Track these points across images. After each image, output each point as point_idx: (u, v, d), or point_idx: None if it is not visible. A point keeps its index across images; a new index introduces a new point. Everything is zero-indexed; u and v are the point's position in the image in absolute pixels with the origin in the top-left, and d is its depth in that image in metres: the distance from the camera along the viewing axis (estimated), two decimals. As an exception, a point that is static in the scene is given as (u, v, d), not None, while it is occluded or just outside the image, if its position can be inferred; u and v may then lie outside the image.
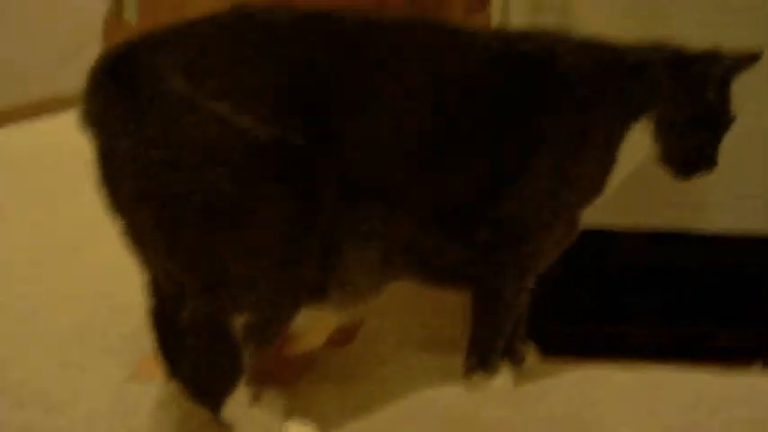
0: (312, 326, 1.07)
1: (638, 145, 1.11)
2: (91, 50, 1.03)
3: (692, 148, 1.10)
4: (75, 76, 0.99)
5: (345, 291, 1.03)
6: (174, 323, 0.98)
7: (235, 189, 0.92)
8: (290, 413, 1.03)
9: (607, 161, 1.10)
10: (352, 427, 1.05)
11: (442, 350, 1.24)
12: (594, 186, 1.12)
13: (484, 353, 1.15)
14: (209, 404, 0.98)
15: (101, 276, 1.50)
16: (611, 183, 1.12)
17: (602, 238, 1.24)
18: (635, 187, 1.17)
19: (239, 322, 0.94)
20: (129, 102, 0.92)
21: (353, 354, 1.25)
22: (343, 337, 1.26)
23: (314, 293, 1.00)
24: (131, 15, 1.27)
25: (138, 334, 1.22)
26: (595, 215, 1.16)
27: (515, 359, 1.19)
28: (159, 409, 1.11)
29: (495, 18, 1.21)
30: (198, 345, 0.95)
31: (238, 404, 0.96)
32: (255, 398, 0.97)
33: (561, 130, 1.07)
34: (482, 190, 1.07)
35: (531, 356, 1.21)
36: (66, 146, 2.26)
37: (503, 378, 1.16)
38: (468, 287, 1.13)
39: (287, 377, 1.14)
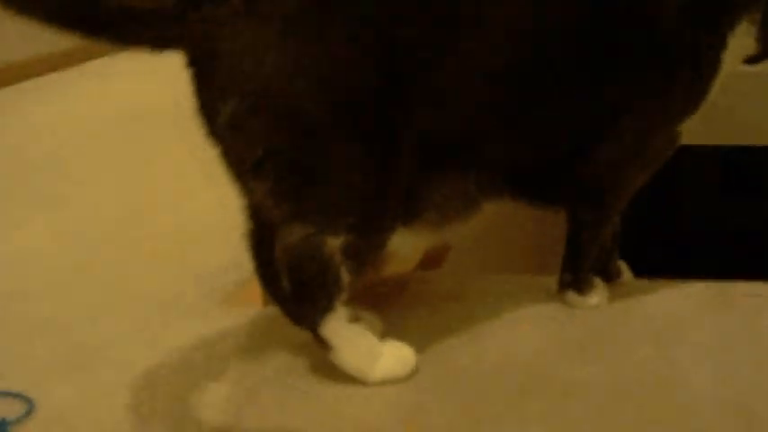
0: (403, 248, 1.08)
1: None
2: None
3: None
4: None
5: (439, 213, 1.04)
6: (272, 245, 1.00)
7: (318, 126, 0.94)
8: (385, 334, 1.04)
9: (705, 75, 1.08)
10: (434, 354, 1.06)
11: (538, 272, 1.24)
12: (692, 106, 1.10)
13: (576, 271, 1.15)
14: (307, 325, 1.00)
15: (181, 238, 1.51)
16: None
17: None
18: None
19: (335, 244, 0.96)
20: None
21: (444, 278, 1.26)
22: (432, 261, 1.27)
23: (407, 215, 1.01)
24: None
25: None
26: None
27: (609, 277, 1.19)
28: (259, 332, 1.14)
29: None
30: (294, 268, 0.97)
31: (337, 324, 0.98)
32: (353, 318, 0.99)
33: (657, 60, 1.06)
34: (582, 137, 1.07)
35: (626, 274, 1.21)
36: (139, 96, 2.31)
37: (596, 296, 1.15)
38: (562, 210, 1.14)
39: (381, 299, 1.16)
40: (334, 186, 0.97)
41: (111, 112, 2.35)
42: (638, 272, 1.24)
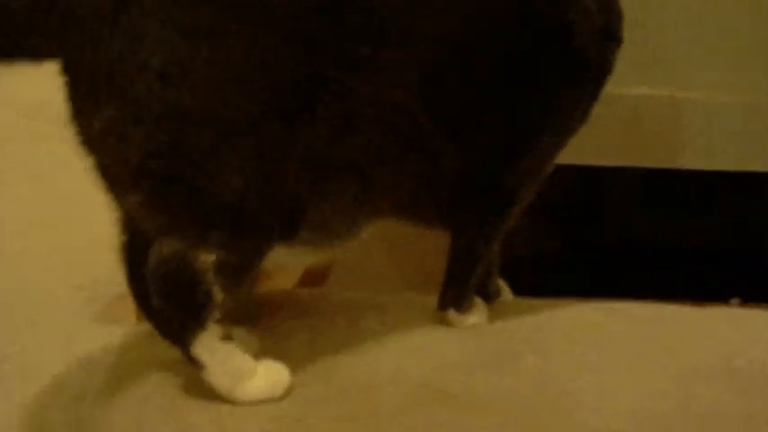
0: (282, 266, 1.07)
1: None
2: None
3: None
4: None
5: (318, 231, 1.02)
6: (144, 260, 0.96)
7: (204, 131, 0.91)
8: (261, 353, 1.02)
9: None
10: (321, 369, 1.05)
11: (419, 291, 1.24)
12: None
13: (460, 289, 1.15)
14: (178, 343, 0.97)
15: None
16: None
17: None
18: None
19: (208, 261, 0.93)
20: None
21: (325, 295, 1.25)
22: (314, 278, 1.26)
23: (285, 233, 0.99)
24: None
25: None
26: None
27: (489, 296, 1.20)
28: (131, 349, 1.10)
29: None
30: (165, 283, 0.94)
31: (208, 343, 0.96)
32: (226, 337, 0.97)
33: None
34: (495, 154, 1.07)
35: (505, 292, 1.22)
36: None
37: (476, 316, 1.16)
38: (447, 228, 1.13)
39: (257, 315, 1.14)
40: (210, 200, 0.94)
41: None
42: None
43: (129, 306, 1.12)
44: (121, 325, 1.16)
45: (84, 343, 1.12)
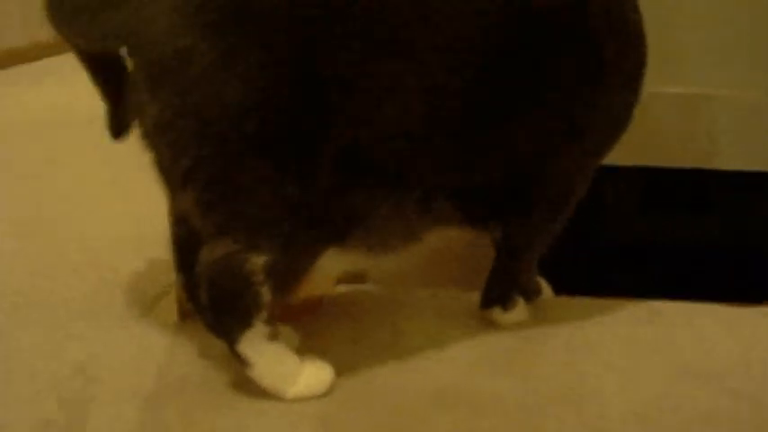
0: (332, 268, 1.07)
1: None
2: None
3: None
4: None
5: (375, 237, 1.02)
6: (197, 254, 0.97)
7: (251, 138, 0.91)
8: (304, 351, 1.03)
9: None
10: (362, 363, 1.06)
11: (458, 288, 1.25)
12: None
13: (504, 289, 1.15)
14: (225, 339, 0.98)
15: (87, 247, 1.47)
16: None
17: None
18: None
19: (258, 263, 0.94)
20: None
21: (366, 292, 1.26)
22: (355, 275, 1.26)
23: (341, 237, 0.99)
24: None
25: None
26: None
27: (529, 295, 1.19)
28: (180, 341, 1.11)
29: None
30: (215, 284, 0.95)
31: (255, 342, 0.96)
32: (272, 336, 0.97)
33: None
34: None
35: (546, 291, 1.22)
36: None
37: (521, 313, 1.16)
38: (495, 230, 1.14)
39: (300, 312, 1.14)
40: (262, 202, 0.94)
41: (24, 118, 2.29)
42: (559, 289, 1.26)
43: (173, 304, 1.13)
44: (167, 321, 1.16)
45: (127, 337, 1.13)
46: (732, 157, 1.38)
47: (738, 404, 0.99)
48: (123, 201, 1.54)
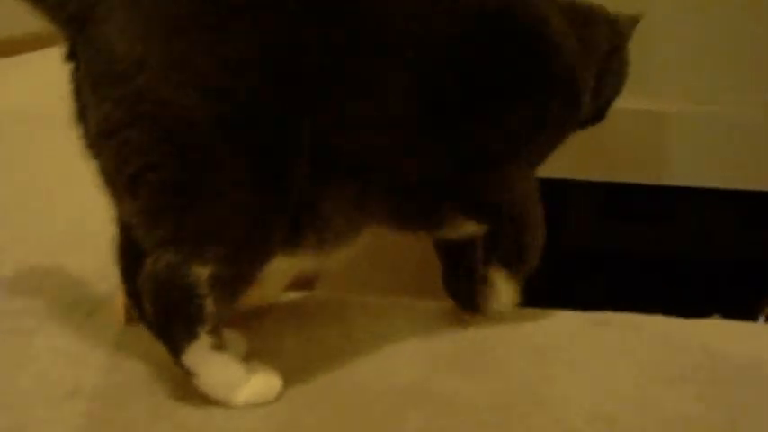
0: (278, 274, 1.06)
1: None
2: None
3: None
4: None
5: (320, 239, 1.00)
6: (140, 262, 0.96)
7: (207, 145, 0.90)
8: (251, 354, 1.03)
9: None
10: (311, 370, 1.05)
11: (406, 294, 1.25)
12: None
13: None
14: (169, 349, 0.97)
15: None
16: None
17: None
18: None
19: (203, 274, 0.92)
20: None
21: (315, 297, 1.25)
22: (303, 281, 1.25)
23: (289, 243, 0.98)
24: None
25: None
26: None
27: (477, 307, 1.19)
28: (122, 347, 1.10)
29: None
30: (158, 294, 0.93)
31: (199, 353, 0.95)
32: (217, 346, 0.96)
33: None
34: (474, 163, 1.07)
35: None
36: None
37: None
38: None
39: (247, 318, 1.13)
40: (213, 213, 0.92)
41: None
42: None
43: (120, 304, 1.11)
44: (112, 323, 1.15)
45: (74, 340, 1.12)
46: (690, 174, 1.40)
47: (709, 409, 1.00)
48: (76, 199, 1.51)
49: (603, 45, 1.16)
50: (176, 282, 0.92)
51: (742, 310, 1.41)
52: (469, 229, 1.13)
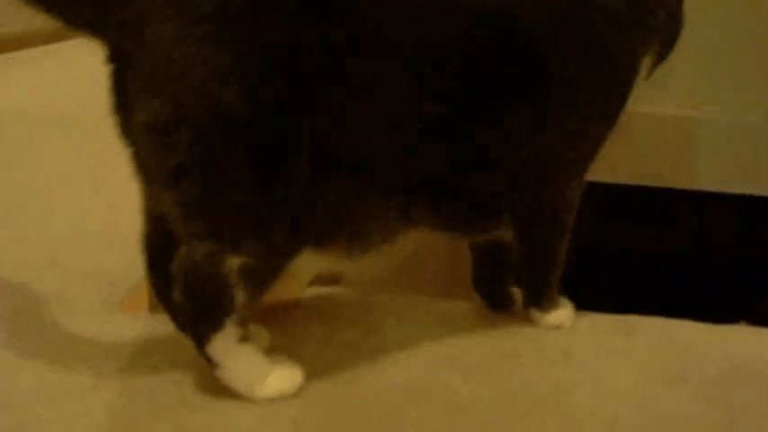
0: (306, 270, 1.07)
1: None
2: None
3: None
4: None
5: (353, 239, 1.01)
6: (170, 255, 0.97)
7: (250, 141, 0.91)
8: (276, 352, 1.03)
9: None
10: (337, 369, 1.06)
11: (429, 294, 1.25)
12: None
13: (537, 290, 1.17)
14: (196, 340, 0.97)
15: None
16: None
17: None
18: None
19: (235, 264, 0.93)
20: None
21: (339, 295, 1.26)
22: (329, 277, 1.26)
23: (318, 238, 0.99)
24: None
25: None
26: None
27: (501, 305, 1.21)
28: (147, 339, 1.11)
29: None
30: (191, 285, 0.94)
31: (225, 344, 0.96)
32: (243, 338, 0.97)
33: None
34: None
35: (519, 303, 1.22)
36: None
37: (559, 315, 1.18)
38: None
39: (272, 312, 1.14)
40: (250, 205, 0.93)
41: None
42: None
43: (144, 296, 1.12)
44: (135, 315, 1.16)
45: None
46: (692, 177, 1.40)
47: (711, 411, 1.00)
48: (95, 196, 1.52)
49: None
50: (210, 271, 0.93)
51: (743, 311, 1.42)
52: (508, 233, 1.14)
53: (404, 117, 0.99)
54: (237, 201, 0.93)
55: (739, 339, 1.19)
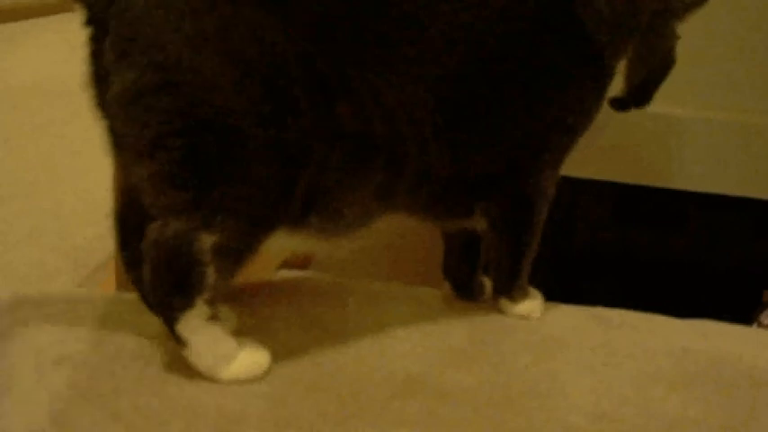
0: (278, 250, 1.06)
1: None
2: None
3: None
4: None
5: (329, 221, 1.01)
6: (142, 229, 0.95)
7: (232, 114, 0.90)
8: (241, 331, 1.02)
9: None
10: (302, 351, 1.05)
11: (410, 280, 1.25)
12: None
13: (506, 280, 1.17)
14: (165, 317, 0.96)
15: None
16: None
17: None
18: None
19: (208, 242, 0.92)
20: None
21: (309, 278, 1.25)
22: (297, 262, 1.26)
23: (294, 221, 0.98)
24: None
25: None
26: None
27: (472, 294, 1.21)
28: (116, 317, 1.09)
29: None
30: (162, 261, 0.93)
31: (194, 323, 0.95)
32: (212, 317, 0.96)
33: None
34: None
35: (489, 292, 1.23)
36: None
37: (528, 305, 1.18)
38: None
39: (241, 293, 1.14)
40: (232, 184, 0.92)
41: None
42: None
43: (111, 272, 1.11)
44: (103, 294, 1.14)
45: (62, 310, 1.11)
46: (704, 180, 1.41)
47: (709, 410, 1.01)
48: (80, 172, 1.50)
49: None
50: (182, 248, 0.92)
51: (749, 315, 1.43)
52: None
53: (395, 101, 0.99)
54: (214, 172, 0.92)
55: (740, 339, 1.19)
